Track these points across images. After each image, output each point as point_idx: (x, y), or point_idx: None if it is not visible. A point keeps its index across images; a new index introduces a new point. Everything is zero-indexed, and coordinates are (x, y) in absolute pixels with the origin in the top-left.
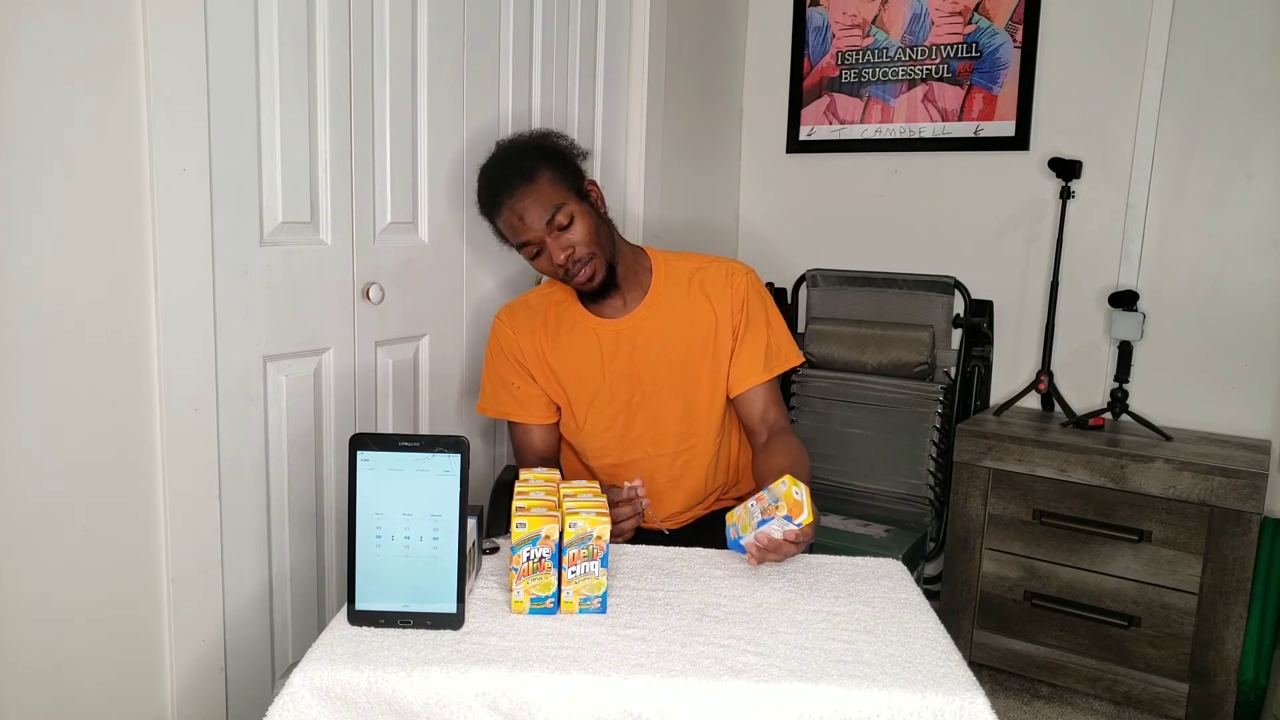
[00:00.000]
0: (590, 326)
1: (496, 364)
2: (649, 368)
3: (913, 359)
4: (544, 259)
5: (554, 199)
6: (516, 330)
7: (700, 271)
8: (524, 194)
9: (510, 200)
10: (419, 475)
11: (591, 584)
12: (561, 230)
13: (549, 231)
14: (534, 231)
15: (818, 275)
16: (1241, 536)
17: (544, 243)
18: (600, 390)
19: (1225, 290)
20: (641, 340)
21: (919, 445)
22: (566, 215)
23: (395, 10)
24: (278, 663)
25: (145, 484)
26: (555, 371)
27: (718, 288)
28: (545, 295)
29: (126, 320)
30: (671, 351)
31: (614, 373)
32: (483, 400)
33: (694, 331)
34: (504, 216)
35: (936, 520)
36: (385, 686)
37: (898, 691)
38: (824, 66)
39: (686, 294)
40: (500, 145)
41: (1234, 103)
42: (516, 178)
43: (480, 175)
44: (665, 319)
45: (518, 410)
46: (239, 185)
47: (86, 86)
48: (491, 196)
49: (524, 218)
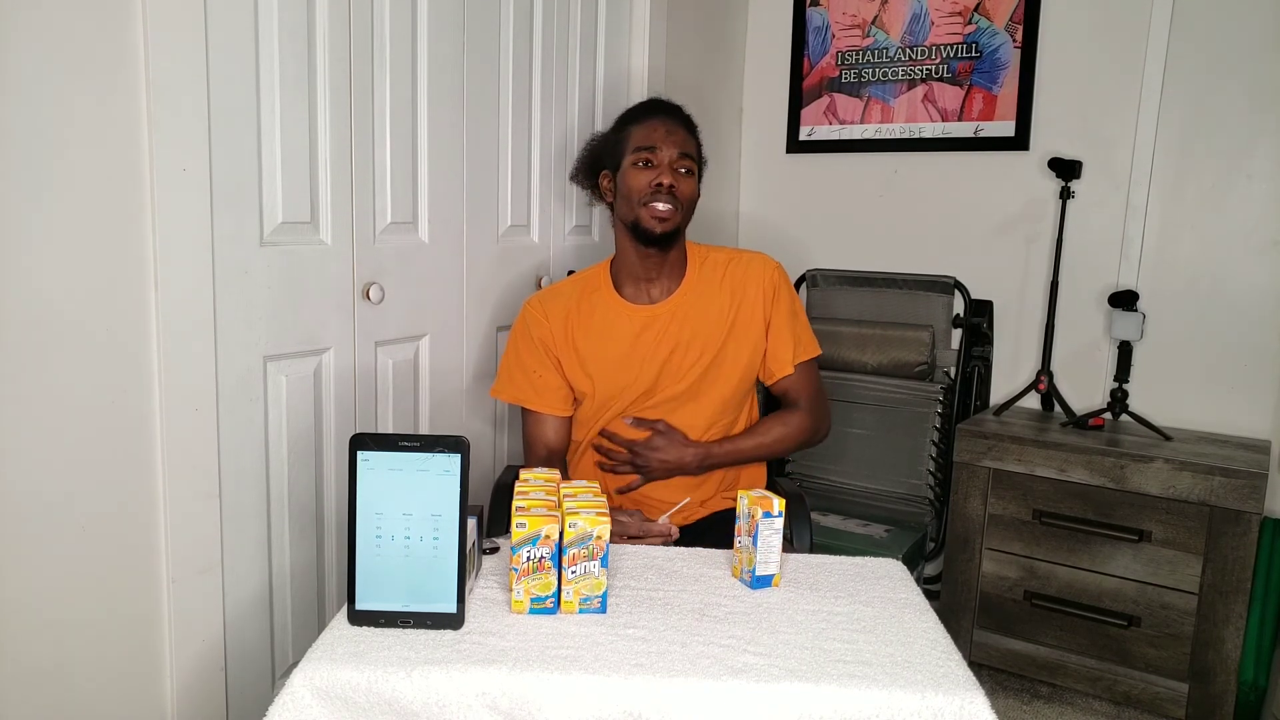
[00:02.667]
0: (623, 311)
1: (520, 349)
2: (679, 354)
3: (913, 359)
4: (650, 173)
5: (692, 149)
6: (548, 315)
7: (732, 263)
8: (678, 127)
9: (669, 120)
10: (419, 475)
11: (591, 584)
12: (681, 174)
13: (674, 161)
14: (666, 151)
15: (818, 275)
16: (1241, 536)
17: (663, 164)
18: (625, 374)
19: (1225, 290)
20: (674, 328)
21: (919, 445)
22: (690, 166)
23: (395, 10)
24: (278, 663)
25: (145, 484)
26: (581, 355)
27: (750, 281)
28: (578, 282)
29: (126, 320)
30: (700, 340)
31: (642, 357)
32: (499, 384)
33: (723, 321)
34: (653, 123)
35: (936, 520)
36: (385, 686)
37: (898, 691)
38: (824, 66)
39: (719, 285)
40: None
41: (1234, 103)
42: (679, 114)
43: (636, 104)
44: (696, 308)
45: (535, 398)
46: (239, 185)
47: (87, 87)
48: (650, 108)
49: (668, 136)
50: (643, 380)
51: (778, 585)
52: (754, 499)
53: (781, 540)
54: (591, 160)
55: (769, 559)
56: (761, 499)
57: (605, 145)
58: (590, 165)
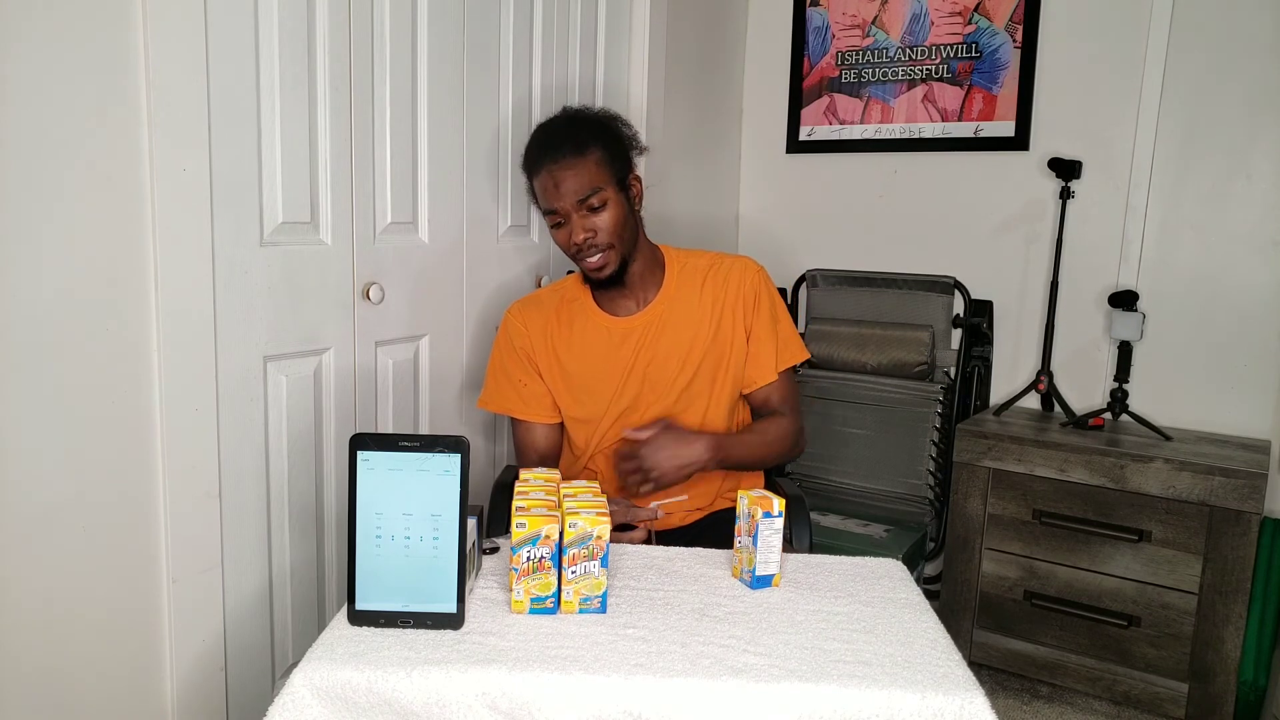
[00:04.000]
0: (602, 324)
1: (505, 359)
2: (658, 366)
3: (913, 359)
4: (564, 232)
5: (595, 180)
6: (529, 325)
7: (712, 269)
8: (569, 164)
9: (554, 165)
10: (419, 475)
11: (591, 584)
12: (591, 212)
13: (579, 209)
14: (565, 203)
15: (818, 275)
16: (1241, 536)
17: (570, 217)
18: (608, 388)
19: (1225, 290)
20: (651, 339)
21: (919, 445)
22: (600, 200)
23: (395, 10)
24: (278, 663)
25: (145, 484)
26: (564, 368)
27: (730, 286)
28: (557, 291)
29: (126, 320)
30: (682, 350)
31: (623, 370)
32: (485, 394)
33: (704, 330)
34: (542, 178)
35: (936, 520)
36: (385, 686)
37: (898, 691)
38: (824, 66)
39: (699, 293)
40: (566, 110)
41: (1234, 103)
42: (567, 146)
43: (535, 131)
44: (677, 318)
45: (522, 408)
46: (239, 185)
47: (87, 87)
48: (537, 154)
49: (560, 186)
50: (625, 396)
51: (778, 585)
52: (754, 499)
53: (781, 540)
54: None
55: (769, 559)
56: (761, 499)
57: (528, 182)
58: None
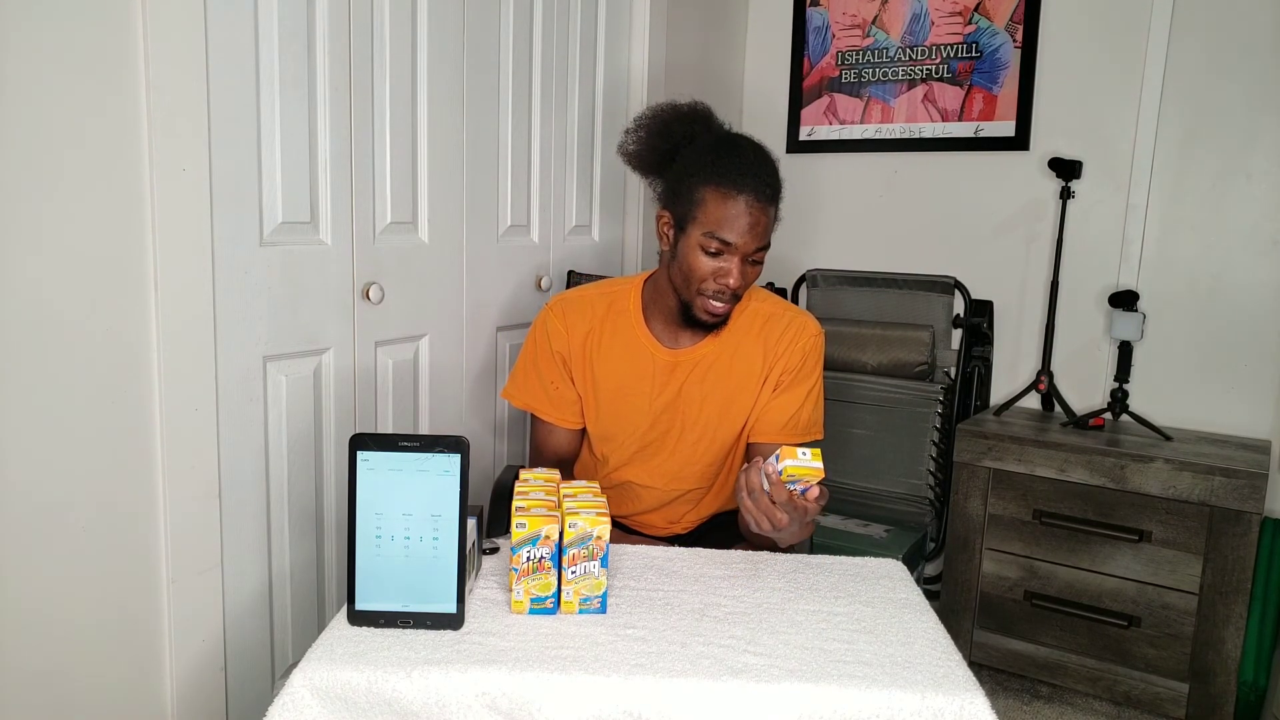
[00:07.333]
0: (648, 350)
1: (539, 357)
2: (693, 405)
3: (913, 359)
4: (718, 266)
5: (770, 232)
6: (570, 329)
7: (772, 319)
8: (767, 209)
9: (755, 201)
10: (419, 475)
11: (591, 584)
12: (755, 264)
13: (748, 255)
14: (745, 244)
15: (818, 275)
16: (1241, 536)
17: (735, 263)
18: (641, 417)
19: (1225, 290)
20: (696, 376)
21: (919, 445)
22: (763, 256)
23: (395, 10)
24: (278, 663)
25: (145, 484)
26: (598, 380)
27: (784, 341)
28: (607, 296)
29: (126, 320)
30: (719, 392)
31: (661, 404)
32: (512, 387)
33: (745, 376)
34: (738, 204)
35: (936, 520)
36: (385, 686)
37: (898, 691)
38: (824, 66)
39: (750, 338)
40: (753, 141)
41: (1234, 103)
42: (771, 190)
43: (739, 147)
44: (723, 359)
45: (549, 409)
46: (239, 185)
47: (87, 87)
48: (740, 176)
49: (754, 226)
50: (656, 429)
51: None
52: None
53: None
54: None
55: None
56: (812, 472)
57: (677, 179)
58: (654, 163)
